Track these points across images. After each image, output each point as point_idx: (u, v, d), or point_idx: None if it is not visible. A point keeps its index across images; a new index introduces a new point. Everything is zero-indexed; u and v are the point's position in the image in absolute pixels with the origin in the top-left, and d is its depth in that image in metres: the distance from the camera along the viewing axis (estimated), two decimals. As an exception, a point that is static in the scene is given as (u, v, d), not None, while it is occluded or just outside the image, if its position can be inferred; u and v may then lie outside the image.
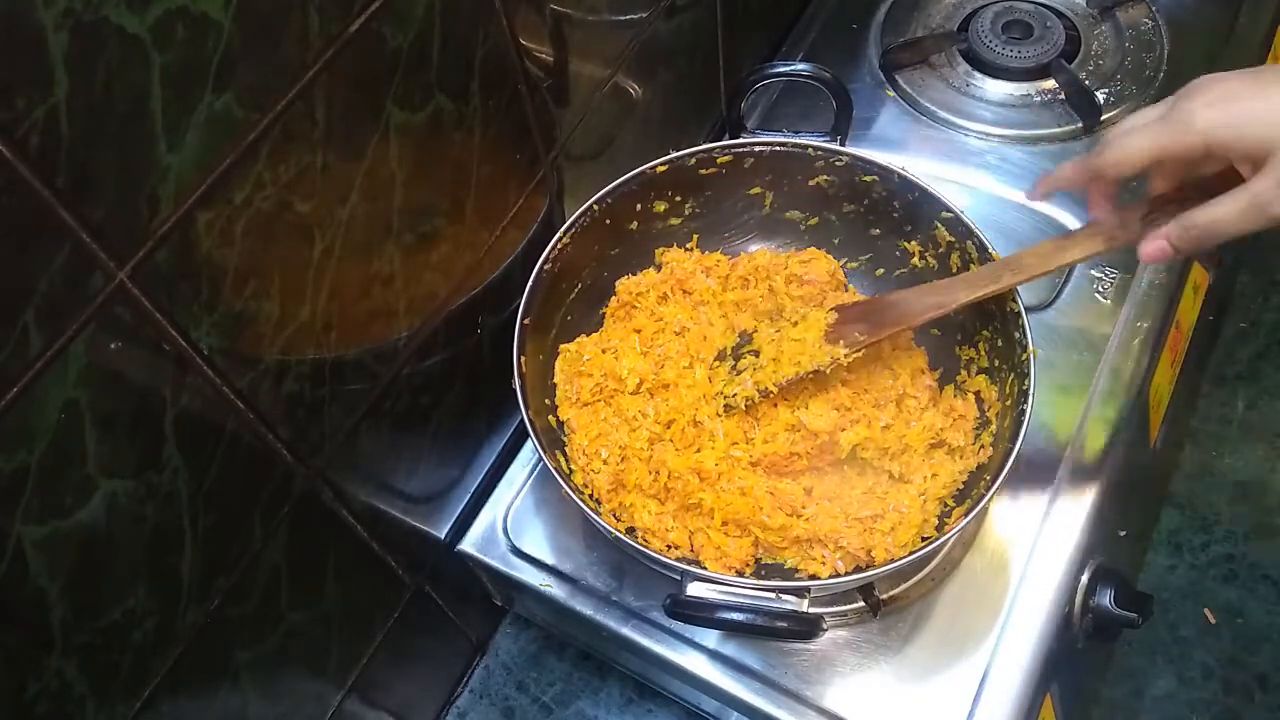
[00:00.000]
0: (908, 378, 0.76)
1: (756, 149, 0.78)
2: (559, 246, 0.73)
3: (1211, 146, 0.54)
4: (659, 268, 0.82)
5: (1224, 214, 0.54)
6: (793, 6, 1.09)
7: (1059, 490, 0.76)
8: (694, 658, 0.72)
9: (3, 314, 0.39)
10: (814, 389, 0.72)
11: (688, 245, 0.82)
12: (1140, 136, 0.56)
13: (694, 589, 0.63)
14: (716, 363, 0.75)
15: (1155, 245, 0.59)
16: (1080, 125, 0.94)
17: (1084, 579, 0.73)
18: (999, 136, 0.95)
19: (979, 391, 0.74)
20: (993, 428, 0.72)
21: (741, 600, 0.62)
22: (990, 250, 0.71)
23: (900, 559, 0.63)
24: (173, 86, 0.42)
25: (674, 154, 0.76)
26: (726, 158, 0.78)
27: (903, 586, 0.73)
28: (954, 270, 0.75)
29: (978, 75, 1.00)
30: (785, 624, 0.61)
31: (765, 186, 0.80)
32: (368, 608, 0.74)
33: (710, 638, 0.72)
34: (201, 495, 0.52)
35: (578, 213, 0.74)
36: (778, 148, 0.77)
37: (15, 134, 0.37)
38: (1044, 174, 0.66)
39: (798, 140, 0.78)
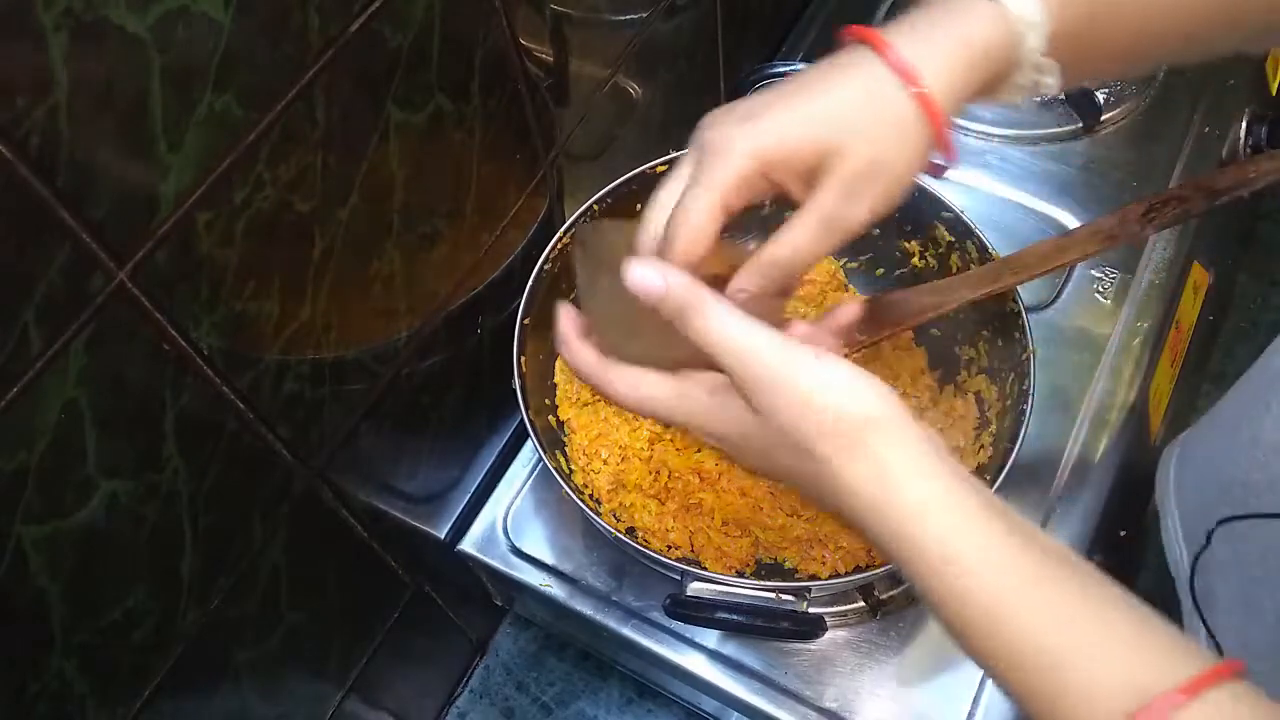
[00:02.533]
0: (908, 378, 0.76)
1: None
2: (559, 246, 0.73)
3: (764, 167, 0.45)
4: (659, 268, 0.82)
5: (798, 240, 0.46)
6: (793, 6, 1.09)
7: (1059, 490, 0.76)
8: (694, 658, 0.72)
9: (3, 314, 0.39)
10: (814, 389, 0.72)
11: (688, 245, 0.82)
12: (694, 204, 0.46)
13: (694, 589, 0.63)
14: (716, 363, 0.75)
15: (737, 299, 0.48)
16: (1080, 125, 0.94)
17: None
18: (999, 136, 0.95)
19: (979, 391, 0.74)
20: (993, 428, 0.72)
21: (741, 600, 0.62)
22: (990, 250, 0.71)
23: (900, 559, 0.63)
24: (173, 86, 0.42)
25: (674, 154, 0.76)
26: (726, 158, 0.77)
27: (903, 586, 0.73)
28: (954, 270, 0.75)
29: (978, 75, 1.00)
30: (785, 624, 0.62)
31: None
32: (368, 608, 0.74)
33: (710, 638, 0.72)
34: (201, 495, 0.52)
35: (578, 213, 0.74)
36: (778, 148, 0.77)
37: (15, 134, 0.37)
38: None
39: (798, 140, 0.77)
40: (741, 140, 0.45)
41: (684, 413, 0.47)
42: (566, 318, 0.50)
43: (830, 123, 0.45)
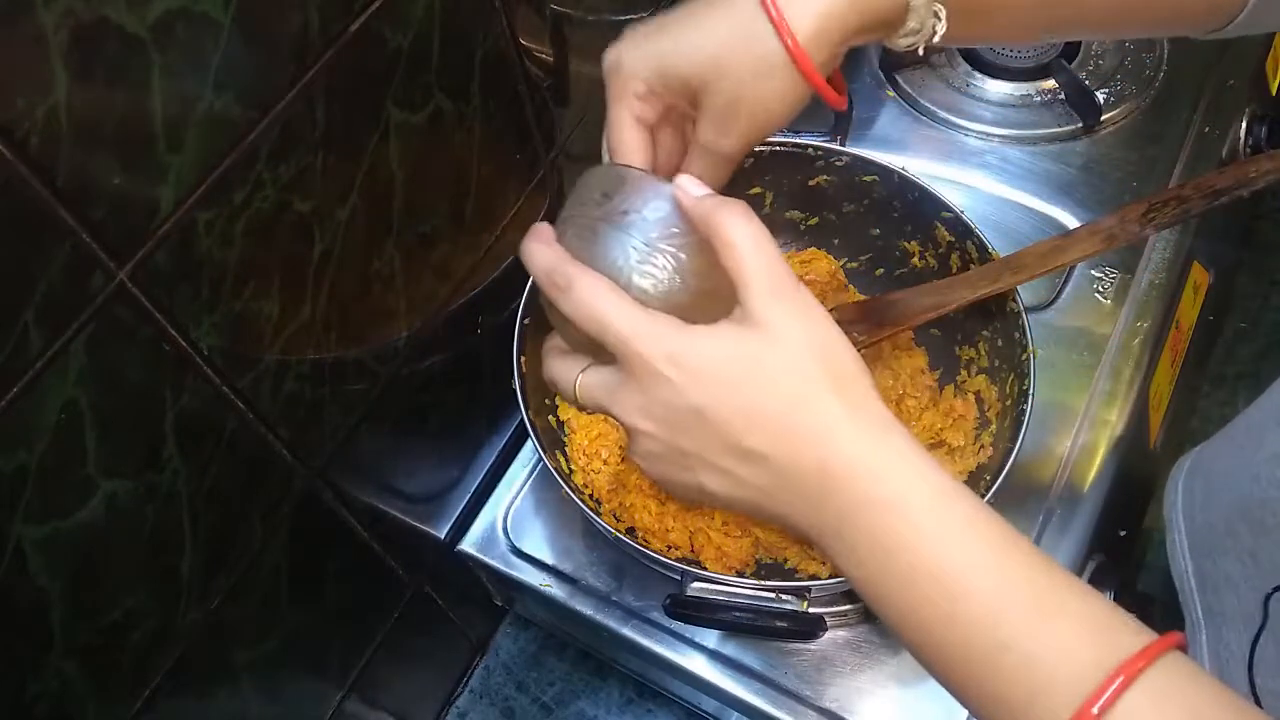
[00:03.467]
0: (908, 378, 0.76)
1: (756, 149, 0.78)
2: (559, 246, 0.73)
3: (650, 86, 0.49)
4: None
5: (694, 168, 0.50)
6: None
7: (1059, 490, 0.76)
8: (694, 658, 0.72)
9: (3, 314, 0.39)
10: (814, 389, 0.72)
11: (688, 245, 0.82)
12: (611, 118, 0.50)
13: (694, 589, 0.63)
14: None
15: None
16: (1080, 125, 0.94)
17: (1084, 579, 0.73)
18: (999, 136, 0.95)
19: (979, 391, 0.74)
20: (993, 428, 0.72)
21: (741, 600, 0.62)
22: (990, 250, 0.71)
23: (900, 559, 0.63)
24: (173, 86, 0.42)
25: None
26: (726, 158, 0.77)
27: (903, 586, 0.72)
28: (954, 270, 0.75)
29: (978, 75, 1.00)
30: (785, 624, 0.61)
31: (765, 186, 0.80)
32: (368, 608, 0.74)
33: (710, 638, 0.72)
34: (201, 495, 0.52)
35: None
36: (777, 147, 0.77)
37: (15, 134, 0.37)
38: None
39: (797, 140, 0.78)
40: (629, 60, 0.49)
41: (655, 331, 0.42)
42: (542, 226, 0.48)
43: (701, 57, 0.47)
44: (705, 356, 0.41)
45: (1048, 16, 0.52)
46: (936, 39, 0.49)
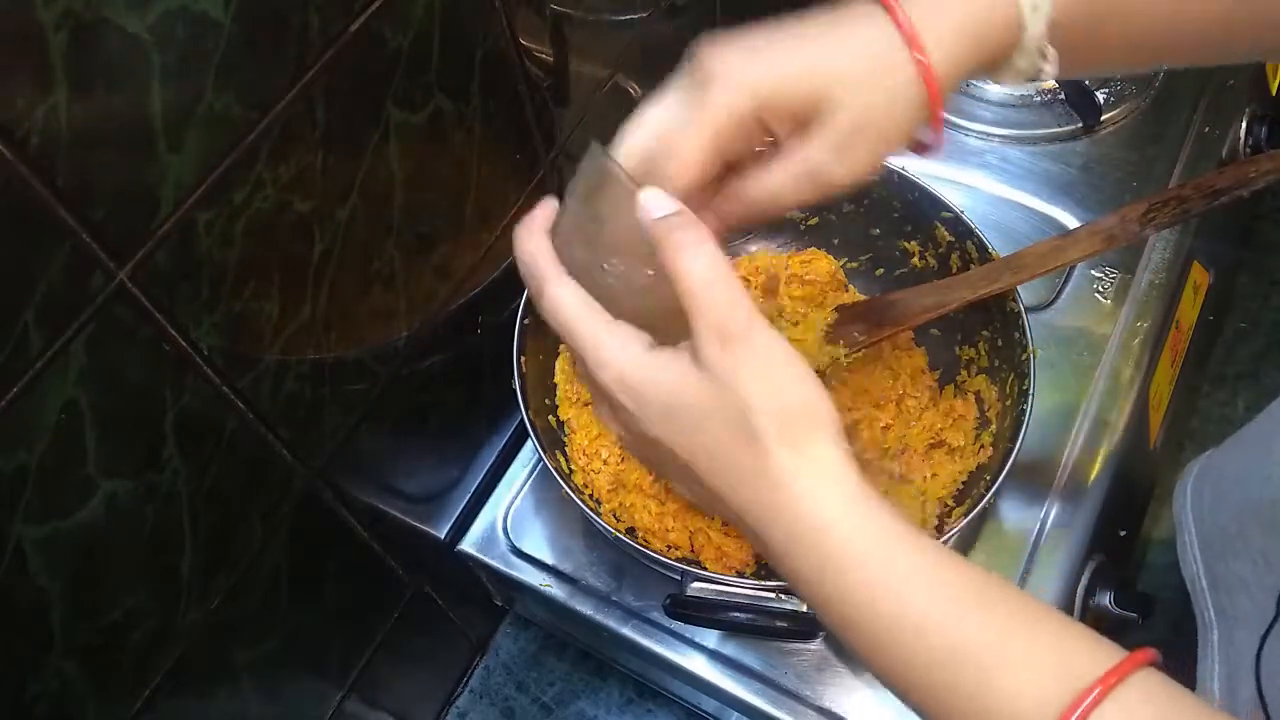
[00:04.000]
0: (908, 378, 0.76)
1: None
2: (559, 246, 0.73)
3: (760, 105, 0.44)
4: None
5: (777, 184, 0.46)
6: (790, 9, 1.09)
7: (1059, 490, 0.76)
8: (694, 658, 0.72)
9: (3, 314, 0.39)
10: (814, 389, 0.72)
11: (688, 245, 0.82)
12: (690, 131, 0.44)
13: (694, 589, 0.63)
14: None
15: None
16: (1080, 125, 0.94)
17: (1084, 579, 0.73)
18: (999, 136, 0.95)
19: (979, 391, 0.74)
20: (993, 428, 0.72)
21: (741, 600, 0.62)
22: (990, 250, 0.71)
23: (900, 559, 0.63)
24: (173, 86, 0.42)
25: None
26: (726, 158, 0.77)
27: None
28: (954, 270, 0.75)
29: (978, 75, 1.00)
30: (785, 624, 0.61)
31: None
32: (368, 608, 0.74)
33: (710, 638, 0.72)
34: (201, 495, 0.52)
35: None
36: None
37: (15, 134, 0.37)
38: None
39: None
40: (742, 72, 0.44)
41: (610, 358, 0.42)
42: (545, 208, 0.47)
43: (830, 73, 0.44)
44: (655, 390, 0.41)
45: (1161, 46, 0.49)
46: (1044, 78, 0.47)
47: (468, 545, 0.78)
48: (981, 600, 0.39)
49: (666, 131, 0.45)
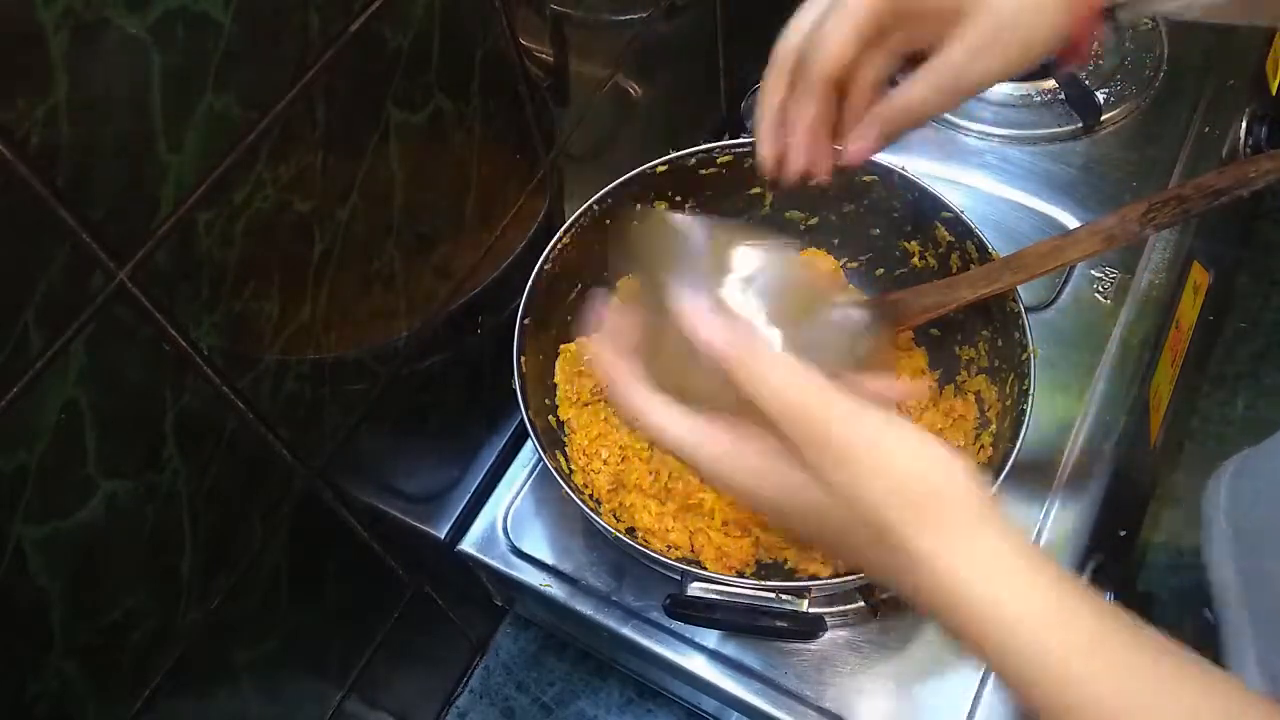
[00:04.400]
0: (908, 378, 0.76)
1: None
2: (559, 246, 0.73)
3: (903, 3, 0.47)
4: (659, 268, 0.82)
5: (919, 93, 0.48)
6: (793, 7, 1.09)
7: (1059, 490, 0.76)
8: (694, 658, 0.72)
9: (3, 314, 0.39)
10: (814, 389, 0.72)
11: (688, 245, 0.82)
12: (831, 28, 0.48)
13: (694, 589, 0.63)
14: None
15: (856, 147, 0.53)
16: (1080, 125, 0.94)
17: (1084, 579, 0.73)
18: (999, 136, 0.95)
19: (979, 391, 0.74)
20: (993, 428, 0.72)
21: (741, 600, 0.62)
22: (990, 250, 0.71)
23: (900, 559, 0.63)
24: (173, 86, 0.42)
25: (674, 154, 0.76)
26: (726, 158, 0.77)
27: (903, 586, 0.73)
28: (954, 270, 0.75)
29: (978, 75, 1.00)
30: (785, 624, 0.61)
31: (765, 186, 0.80)
32: (368, 608, 0.74)
33: (710, 638, 0.72)
34: (201, 495, 0.52)
35: (577, 213, 0.74)
36: (778, 148, 0.77)
37: (15, 134, 0.37)
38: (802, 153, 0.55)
39: (798, 140, 0.78)
40: None
41: (727, 470, 0.42)
42: (616, 317, 0.46)
43: None
44: (793, 506, 0.42)
45: None
46: (1187, 15, 0.47)
47: (468, 545, 0.78)
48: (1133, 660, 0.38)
49: (814, 30, 0.49)
